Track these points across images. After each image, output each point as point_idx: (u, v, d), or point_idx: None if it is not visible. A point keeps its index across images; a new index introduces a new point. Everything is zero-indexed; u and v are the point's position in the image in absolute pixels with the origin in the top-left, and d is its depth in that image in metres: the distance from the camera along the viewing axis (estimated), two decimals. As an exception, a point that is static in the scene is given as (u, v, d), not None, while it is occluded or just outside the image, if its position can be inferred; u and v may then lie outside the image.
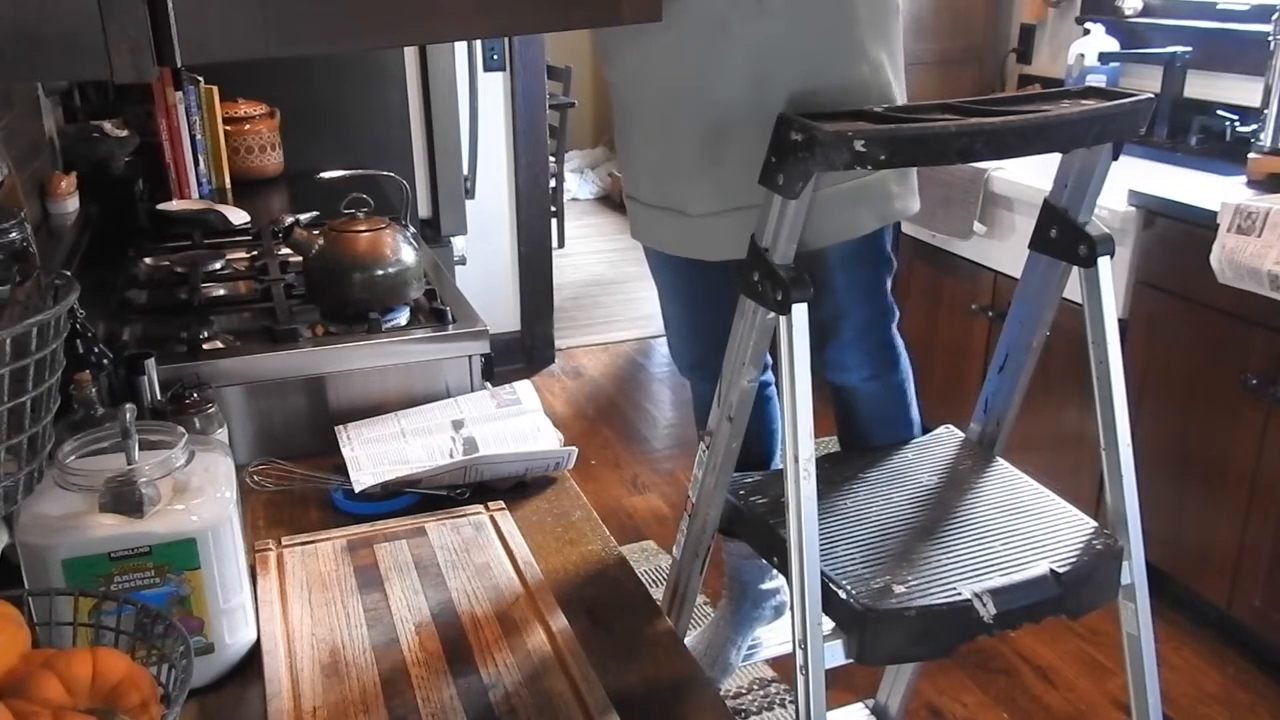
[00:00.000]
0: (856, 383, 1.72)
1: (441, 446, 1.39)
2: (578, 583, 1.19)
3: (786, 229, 1.23)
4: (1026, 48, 3.41)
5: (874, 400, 1.73)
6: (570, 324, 4.51)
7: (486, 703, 0.97)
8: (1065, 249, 1.39)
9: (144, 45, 0.71)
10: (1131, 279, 2.37)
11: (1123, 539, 1.37)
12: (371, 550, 1.22)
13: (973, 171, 2.70)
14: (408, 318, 1.60)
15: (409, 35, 1.02)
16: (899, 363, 1.76)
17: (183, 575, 0.95)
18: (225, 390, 1.43)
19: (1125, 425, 1.37)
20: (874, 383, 1.73)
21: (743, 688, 2.24)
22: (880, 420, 1.73)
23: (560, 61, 5.28)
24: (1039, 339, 1.49)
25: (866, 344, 1.69)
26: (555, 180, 5.05)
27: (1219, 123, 2.70)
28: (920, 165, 1.47)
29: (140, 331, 1.57)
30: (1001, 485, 1.47)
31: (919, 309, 3.10)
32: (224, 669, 1.01)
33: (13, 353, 0.81)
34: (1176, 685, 2.26)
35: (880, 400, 1.75)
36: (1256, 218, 2.01)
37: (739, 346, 1.36)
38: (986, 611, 1.23)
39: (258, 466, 1.40)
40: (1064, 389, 2.51)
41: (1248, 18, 2.72)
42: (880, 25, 1.49)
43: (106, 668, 0.75)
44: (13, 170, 1.66)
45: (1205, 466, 2.28)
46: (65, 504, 0.93)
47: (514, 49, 3.70)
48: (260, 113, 2.67)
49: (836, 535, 1.35)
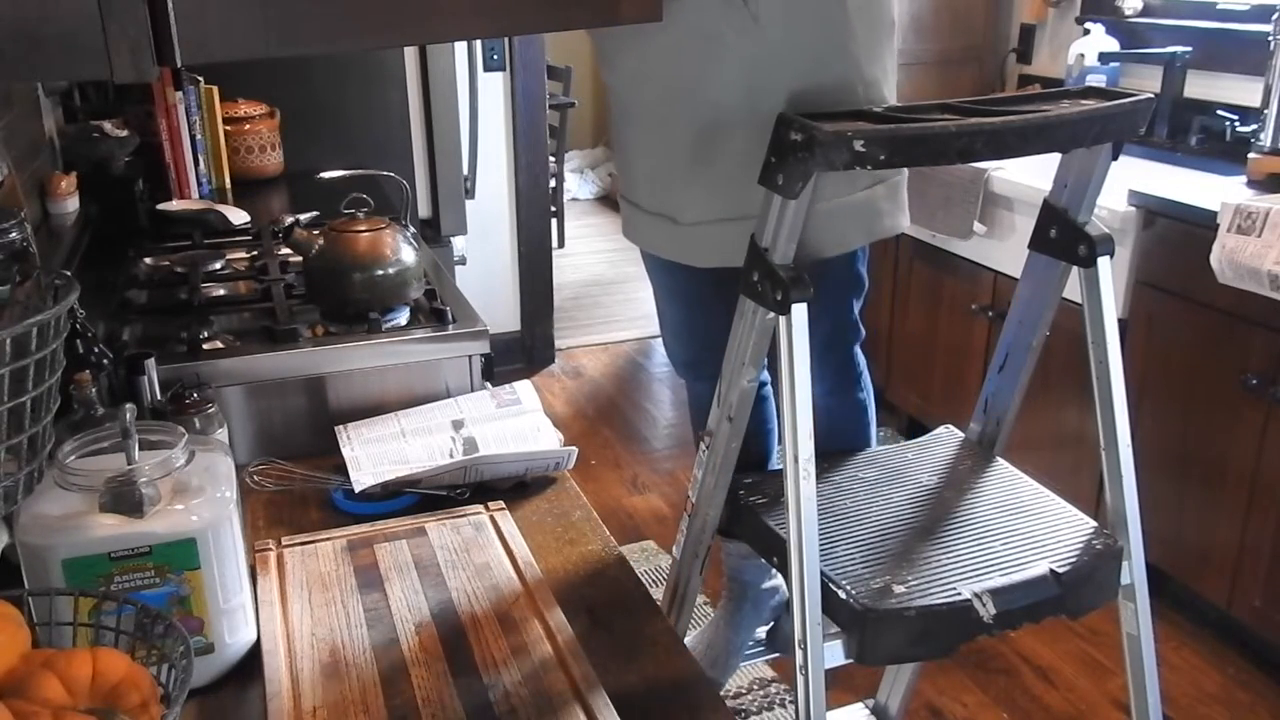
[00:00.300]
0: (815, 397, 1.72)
1: (441, 446, 1.39)
2: (578, 583, 1.19)
3: (786, 229, 1.23)
4: (1026, 48, 3.40)
5: (830, 416, 1.71)
6: (570, 324, 4.51)
7: (486, 702, 0.97)
8: (1065, 249, 1.39)
9: (144, 45, 0.71)
10: (1131, 279, 2.37)
11: (1123, 539, 1.37)
12: (371, 550, 1.22)
13: (973, 171, 2.70)
14: (408, 318, 1.60)
15: (409, 35, 1.02)
16: (859, 380, 1.78)
17: (183, 575, 0.95)
18: (225, 390, 1.43)
19: (1125, 425, 1.37)
20: (831, 398, 1.74)
21: (743, 688, 2.24)
22: (836, 435, 1.71)
23: (560, 61, 5.28)
24: (1039, 339, 1.49)
25: (829, 360, 1.70)
26: (555, 180, 5.05)
27: (1219, 123, 2.70)
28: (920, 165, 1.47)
29: (140, 331, 1.57)
30: (1001, 485, 1.47)
31: (919, 309, 3.10)
32: (224, 669, 1.01)
33: (13, 353, 0.81)
34: (1176, 685, 2.26)
35: (836, 416, 1.76)
36: (1256, 218, 2.01)
37: (739, 346, 1.36)
38: (986, 611, 1.23)
39: (258, 466, 1.40)
40: (1064, 389, 2.51)
41: (1248, 18, 2.72)
42: (875, 42, 1.50)
43: (106, 668, 0.75)
44: (13, 170, 1.66)
45: (1205, 466, 2.28)
46: (65, 504, 0.93)
47: (514, 49, 3.69)
48: (260, 113, 2.67)
49: (836, 535, 1.35)
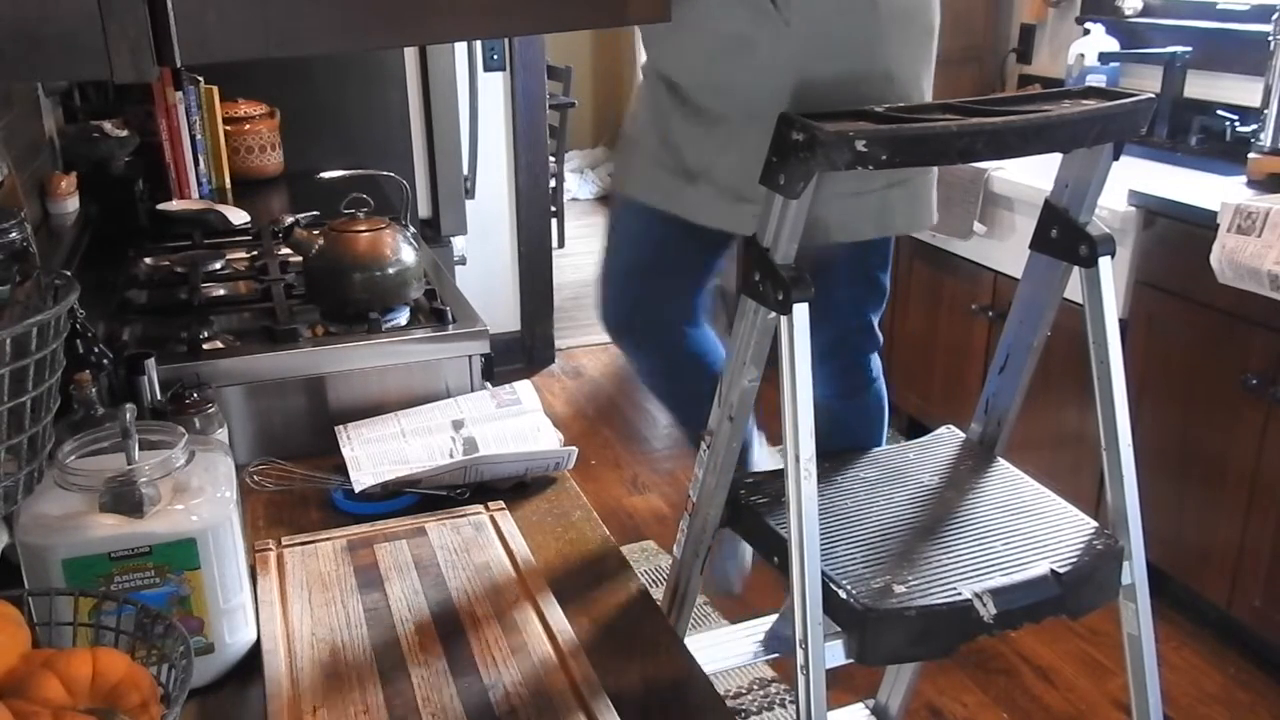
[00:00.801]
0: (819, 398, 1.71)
1: (441, 446, 1.39)
2: (578, 583, 1.19)
3: (788, 229, 1.23)
4: (1026, 48, 3.40)
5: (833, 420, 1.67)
6: (570, 324, 4.51)
7: (486, 702, 0.97)
8: (1066, 249, 1.39)
9: (144, 45, 0.71)
10: (1131, 279, 2.37)
11: (1123, 539, 1.37)
12: (371, 550, 1.21)
13: (973, 172, 2.70)
14: (408, 318, 1.60)
15: (409, 35, 1.02)
16: (870, 389, 1.75)
17: (183, 575, 0.95)
18: (225, 390, 1.43)
19: (1126, 425, 1.37)
20: (836, 402, 1.72)
21: (743, 688, 2.24)
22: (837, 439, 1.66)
23: (560, 61, 5.28)
24: (1040, 339, 1.49)
25: (830, 364, 1.68)
26: (555, 180, 5.05)
27: (1219, 123, 2.70)
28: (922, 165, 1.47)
29: (140, 331, 1.57)
30: (1002, 485, 1.47)
31: (919, 309, 3.10)
32: (224, 669, 1.01)
33: (13, 353, 0.81)
34: (1177, 685, 2.26)
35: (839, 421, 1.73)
36: (1256, 218, 2.01)
37: (740, 346, 1.36)
38: (987, 611, 1.23)
39: (258, 466, 1.39)
40: (1064, 389, 2.51)
41: (1248, 18, 2.72)
42: (909, 44, 1.50)
43: (106, 668, 0.75)
44: (13, 170, 1.66)
45: (1205, 466, 2.28)
46: (65, 504, 0.93)
47: (514, 49, 3.69)
48: (260, 113, 2.67)
49: (837, 535, 1.35)
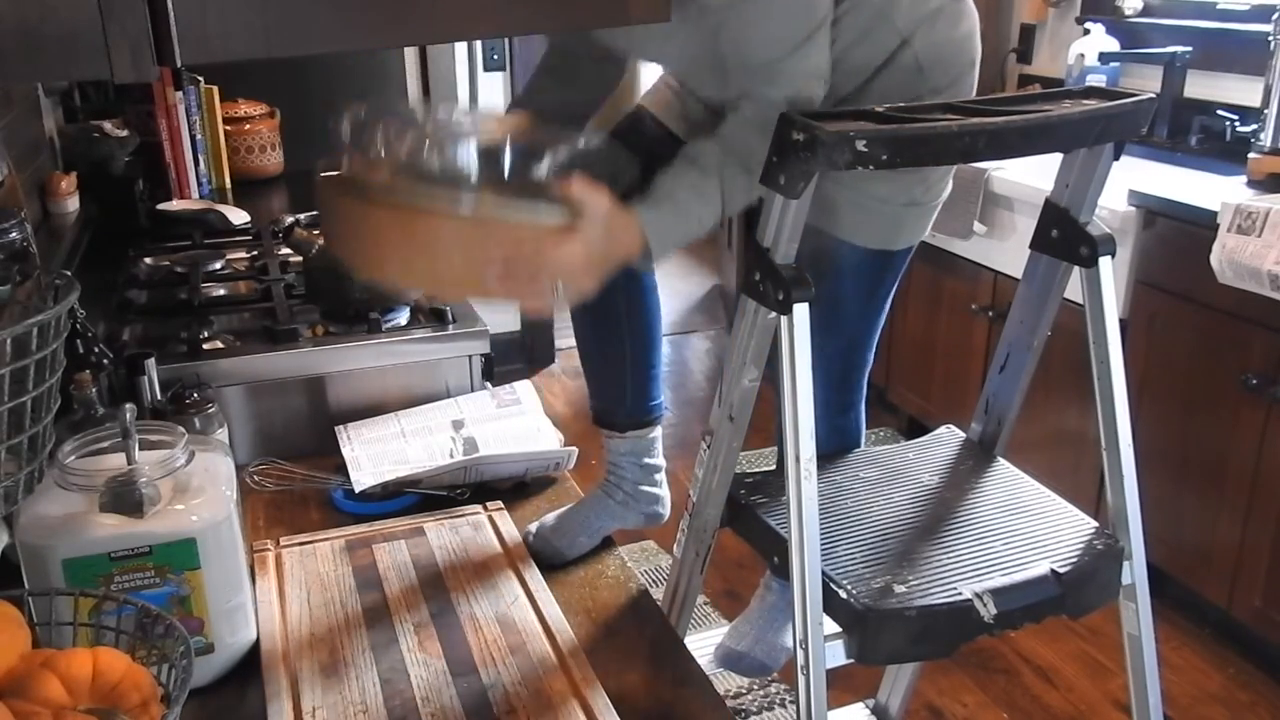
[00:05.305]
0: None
1: (441, 446, 1.39)
2: (577, 583, 1.19)
3: (788, 229, 1.23)
4: (1026, 48, 3.40)
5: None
6: (570, 324, 4.50)
7: (486, 703, 0.97)
8: (1066, 249, 1.39)
9: (144, 45, 0.71)
10: (1132, 279, 2.37)
11: (1123, 539, 1.37)
12: (370, 550, 1.21)
13: (973, 171, 2.69)
14: (407, 318, 1.60)
15: (409, 35, 1.02)
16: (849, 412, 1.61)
17: (183, 575, 0.95)
18: (225, 390, 1.43)
19: (1126, 425, 1.37)
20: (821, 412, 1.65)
21: (743, 688, 2.24)
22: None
23: (560, 61, 5.27)
24: (1040, 339, 1.49)
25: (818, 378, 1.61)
26: (555, 180, 5.04)
27: (1219, 123, 2.70)
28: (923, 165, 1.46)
29: (140, 331, 1.57)
30: (1002, 485, 1.47)
31: (919, 309, 3.10)
32: (224, 669, 1.01)
33: (13, 353, 0.81)
34: (1177, 685, 2.26)
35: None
36: (1256, 218, 2.01)
37: (740, 346, 1.36)
38: (987, 611, 1.23)
39: (258, 466, 1.40)
40: (1064, 389, 2.51)
41: (1248, 18, 2.72)
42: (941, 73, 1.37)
43: (106, 668, 0.75)
44: (13, 170, 1.66)
45: (1205, 466, 2.28)
46: (65, 504, 0.93)
47: (514, 49, 3.69)
48: (260, 113, 2.68)
49: (837, 535, 1.34)
